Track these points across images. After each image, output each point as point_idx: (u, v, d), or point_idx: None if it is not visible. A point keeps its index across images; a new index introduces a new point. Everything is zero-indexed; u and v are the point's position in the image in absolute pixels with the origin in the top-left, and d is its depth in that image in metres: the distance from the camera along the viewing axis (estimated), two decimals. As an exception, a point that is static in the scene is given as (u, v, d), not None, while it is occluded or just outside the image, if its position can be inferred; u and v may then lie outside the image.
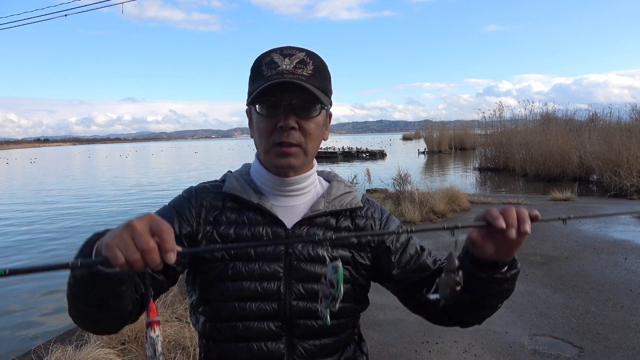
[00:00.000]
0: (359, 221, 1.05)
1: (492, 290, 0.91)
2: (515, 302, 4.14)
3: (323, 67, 1.00)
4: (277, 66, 0.94)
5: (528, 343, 3.32)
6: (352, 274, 1.02)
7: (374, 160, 33.02)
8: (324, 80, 0.99)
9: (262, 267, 0.96)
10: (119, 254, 0.65)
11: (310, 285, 0.98)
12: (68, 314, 0.87)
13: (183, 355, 3.08)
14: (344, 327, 1.03)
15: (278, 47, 0.98)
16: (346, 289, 1.01)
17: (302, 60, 0.96)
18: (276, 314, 0.96)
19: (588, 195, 12.61)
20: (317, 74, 0.97)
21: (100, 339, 3.20)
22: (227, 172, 1.10)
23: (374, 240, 1.05)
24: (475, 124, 29.30)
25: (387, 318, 3.90)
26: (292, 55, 0.96)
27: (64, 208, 14.09)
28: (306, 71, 0.95)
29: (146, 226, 0.67)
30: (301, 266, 0.98)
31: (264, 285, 0.96)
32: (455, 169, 23.95)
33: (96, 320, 0.86)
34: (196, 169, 32.80)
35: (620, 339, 3.35)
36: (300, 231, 1.00)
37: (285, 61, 0.95)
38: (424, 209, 8.26)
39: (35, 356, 3.20)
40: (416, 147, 42.32)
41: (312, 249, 0.99)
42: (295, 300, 0.97)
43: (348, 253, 1.02)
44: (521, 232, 0.81)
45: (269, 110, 0.95)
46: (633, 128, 14.58)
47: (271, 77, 0.93)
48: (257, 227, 0.99)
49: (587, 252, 5.73)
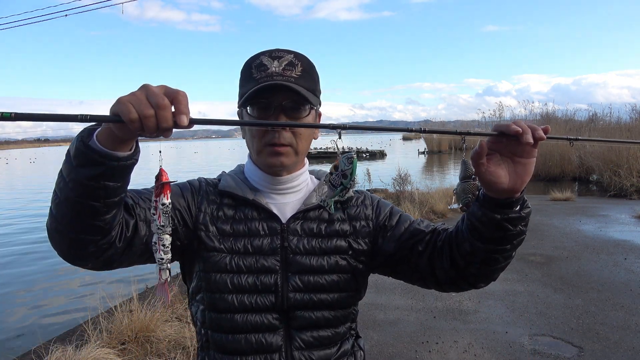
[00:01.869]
0: (350, 210, 1.08)
1: (507, 232, 0.87)
2: (515, 302, 4.15)
3: (311, 68, 1.02)
4: (266, 69, 0.97)
5: (528, 343, 3.32)
6: (351, 263, 1.04)
7: (374, 160, 33.01)
8: (313, 81, 1.02)
9: (259, 260, 0.98)
10: (132, 108, 0.64)
11: (307, 278, 1.00)
12: (46, 226, 0.82)
13: (183, 355, 3.08)
14: (343, 319, 1.05)
15: (267, 50, 1.01)
16: (346, 279, 1.03)
17: (290, 62, 0.98)
18: (274, 307, 0.98)
19: (588, 195, 12.60)
20: (306, 75, 0.99)
21: (101, 338, 3.20)
22: (222, 172, 1.13)
23: (368, 223, 1.07)
24: (475, 124, 29.28)
25: (386, 318, 3.90)
26: (280, 57, 0.98)
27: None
28: (295, 73, 0.97)
29: (161, 89, 0.66)
30: (297, 259, 1.00)
31: (261, 279, 0.98)
32: (455, 169, 23.96)
33: (74, 227, 0.78)
34: (198, 169, 32.79)
35: (620, 339, 3.35)
36: (295, 225, 1.02)
37: (274, 63, 0.97)
38: (424, 209, 8.28)
39: (35, 356, 3.20)
40: (416, 147, 42.33)
41: (307, 242, 1.02)
42: (292, 293, 0.99)
43: (344, 243, 1.04)
44: (536, 137, 0.79)
45: (260, 112, 0.98)
46: (633, 128, 14.58)
47: (261, 79, 0.96)
48: (253, 222, 1.01)
49: (587, 252, 5.73)
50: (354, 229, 1.06)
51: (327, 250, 1.02)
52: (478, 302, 4.17)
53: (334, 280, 1.01)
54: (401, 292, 4.53)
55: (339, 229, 1.05)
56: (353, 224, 1.06)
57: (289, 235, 1.01)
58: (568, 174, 15.81)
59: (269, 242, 1.00)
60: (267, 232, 1.01)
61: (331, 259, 1.02)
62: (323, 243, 1.03)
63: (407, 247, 1.04)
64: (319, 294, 1.00)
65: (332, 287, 1.01)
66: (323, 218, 1.05)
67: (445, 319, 3.84)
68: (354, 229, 1.06)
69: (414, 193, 9.06)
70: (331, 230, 1.04)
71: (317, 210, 1.05)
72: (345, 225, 1.06)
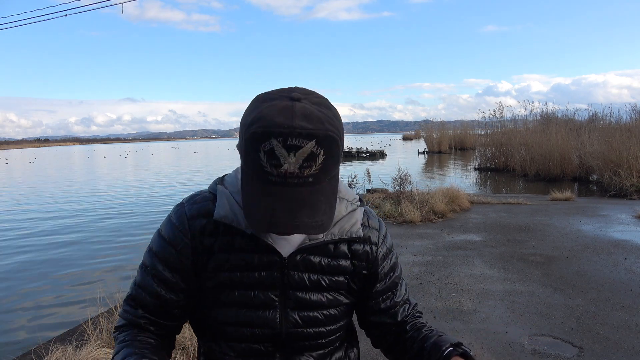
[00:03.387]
0: (355, 247, 1.01)
1: None
2: (515, 302, 4.15)
3: (334, 143, 0.79)
4: (279, 164, 0.76)
5: (528, 343, 3.32)
6: (347, 297, 1.04)
7: (374, 160, 33.01)
8: (336, 164, 0.83)
9: (257, 295, 0.95)
10: None
11: (307, 314, 0.97)
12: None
13: (183, 355, 3.08)
14: (337, 339, 1.06)
15: (278, 123, 0.76)
16: (342, 310, 1.03)
17: (310, 155, 0.77)
18: (271, 339, 0.98)
19: (588, 195, 12.60)
20: (329, 161, 0.79)
21: (101, 338, 3.20)
22: (218, 181, 1.00)
23: (367, 269, 1.03)
24: (475, 124, 29.29)
25: (387, 318, 3.90)
26: (298, 147, 0.76)
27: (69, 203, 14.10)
28: (315, 167, 0.78)
29: None
30: (297, 295, 0.96)
31: (259, 314, 0.95)
32: (455, 169, 23.95)
33: None
34: (198, 169, 32.77)
35: (620, 339, 3.35)
36: (297, 259, 0.96)
37: (290, 159, 0.76)
38: (424, 209, 8.27)
39: (35, 356, 3.20)
40: (416, 147, 42.32)
41: (308, 278, 0.97)
42: (292, 329, 0.97)
43: (344, 279, 1.01)
44: None
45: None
46: (633, 128, 14.56)
47: (272, 177, 0.78)
48: (251, 255, 0.94)
49: (587, 252, 5.73)
50: (354, 269, 1.02)
51: (327, 287, 0.99)
52: (478, 302, 4.17)
53: (331, 314, 1.00)
54: (401, 292, 4.52)
55: (342, 265, 1.00)
56: (354, 262, 1.02)
57: (289, 271, 0.96)
58: (568, 174, 15.80)
59: (268, 276, 0.95)
60: (266, 265, 0.95)
61: (331, 295, 0.99)
62: (324, 280, 0.98)
63: (374, 314, 1.08)
64: (317, 328, 0.99)
65: (329, 321, 1.00)
66: (328, 252, 0.99)
67: (445, 319, 3.84)
68: (354, 269, 1.02)
69: (414, 193, 9.06)
70: (333, 266, 0.99)
71: (322, 245, 0.98)
72: (347, 263, 1.01)
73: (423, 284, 4.75)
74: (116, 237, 9.52)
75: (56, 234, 10.17)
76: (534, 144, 17.09)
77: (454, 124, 38.97)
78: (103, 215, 12.54)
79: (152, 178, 25.58)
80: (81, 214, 12.89)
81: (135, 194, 17.45)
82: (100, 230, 10.42)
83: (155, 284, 0.96)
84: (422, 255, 5.90)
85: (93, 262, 7.71)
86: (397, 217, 8.25)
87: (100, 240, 9.37)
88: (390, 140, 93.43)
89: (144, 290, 0.97)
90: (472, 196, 10.53)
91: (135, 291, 0.99)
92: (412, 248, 6.27)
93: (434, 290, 4.53)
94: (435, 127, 36.84)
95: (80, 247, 8.85)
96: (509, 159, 19.27)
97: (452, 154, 33.64)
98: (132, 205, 14.25)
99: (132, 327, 0.98)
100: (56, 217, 12.42)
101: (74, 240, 9.40)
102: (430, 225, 7.80)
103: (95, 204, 14.92)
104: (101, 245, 8.87)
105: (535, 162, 16.69)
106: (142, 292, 0.97)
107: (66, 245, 8.97)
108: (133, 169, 35.26)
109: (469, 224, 7.78)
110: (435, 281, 4.82)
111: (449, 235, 6.98)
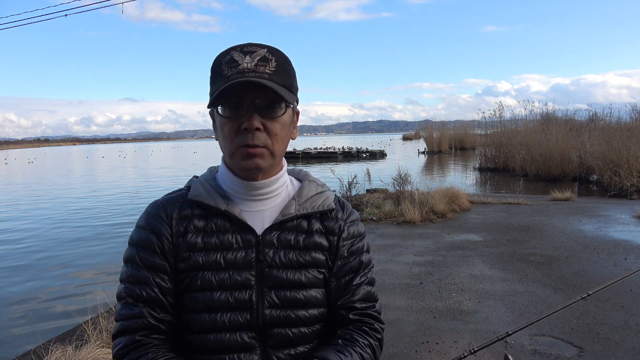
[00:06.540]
0: (328, 223, 1.02)
1: None
2: (515, 302, 4.15)
3: (286, 62, 0.95)
4: (237, 65, 0.90)
5: (528, 343, 3.32)
6: (327, 278, 1.00)
7: (374, 160, 33.01)
8: (288, 77, 0.95)
9: (232, 275, 0.92)
10: None
11: (284, 293, 0.94)
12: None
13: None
14: (319, 334, 1.00)
15: (238, 44, 0.94)
16: (323, 293, 0.99)
17: (263, 57, 0.91)
18: (249, 324, 0.92)
19: (588, 195, 12.60)
20: (281, 70, 0.92)
21: (100, 339, 3.20)
22: (193, 177, 1.05)
23: (337, 244, 1.02)
24: (475, 124, 29.30)
25: (386, 318, 3.90)
26: (253, 52, 0.91)
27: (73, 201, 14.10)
28: (268, 68, 0.91)
29: None
30: (273, 273, 0.94)
31: (235, 295, 0.92)
32: (455, 169, 23.94)
33: None
34: (196, 170, 32.79)
35: (620, 339, 3.35)
36: (271, 237, 0.96)
37: (246, 59, 0.90)
38: (424, 209, 8.27)
39: (35, 356, 3.20)
40: (416, 147, 42.33)
41: (284, 255, 0.96)
42: (268, 309, 0.93)
43: (322, 256, 0.99)
44: None
45: (232, 111, 0.91)
46: (633, 128, 14.56)
47: (232, 76, 0.89)
48: (225, 235, 0.95)
49: (587, 252, 5.73)
50: (329, 244, 1.01)
51: (305, 263, 0.97)
52: (478, 302, 4.17)
53: (312, 295, 0.96)
54: (401, 292, 4.53)
55: (317, 241, 0.99)
56: (329, 238, 1.01)
57: (264, 248, 0.95)
58: (568, 174, 15.81)
59: (243, 256, 0.94)
60: (241, 244, 0.94)
61: (309, 272, 0.97)
62: (301, 256, 0.97)
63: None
64: (296, 310, 0.95)
65: (309, 303, 0.96)
66: (302, 228, 0.99)
67: (445, 319, 3.84)
68: (330, 245, 1.01)
69: (414, 193, 9.06)
70: (310, 242, 0.98)
71: (295, 220, 0.99)
72: (323, 239, 1.00)
73: (423, 284, 4.75)
74: (116, 237, 9.52)
75: (56, 234, 10.17)
76: (534, 144, 17.09)
77: (453, 124, 38.99)
78: (103, 215, 12.54)
79: (152, 178, 25.59)
80: (81, 213, 12.90)
81: (136, 194, 17.46)
82: (100, 230, 10.42)
83: (146, 271, 0.93)
84: (422, 255, 5.90)
85: (93, 262, 7.72)
86: (397, 217, 8.25)
87: (100, 240, 9.38)
88: (390, 140, 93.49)
89: (136, 282, 0.93)
90: (472, 196, 10.54)
91: (127, 288, 0.94)
92: (412, 248, 6.27)
93: (434, 290, 4.53)
94: (435, 127, 36.86)
95: (80, 247, 8.86)
96: (509, 159, 19.27)
97: (452, 154, 33.65)
98: (132, 205, 14.25)
99: (136, 334, 0.92)
100: (56, 216, 12.43)
101: (74, 240, 9.40)
102: (430, 225, 7.81)
103: (95, 203, 14.93)
104: (101, 246, 8.88)
105: (535, 162, 16.69)
106: (134, 287, 0.93)
107: (66, 245, 8.97)
108: (132, 168, 35.27)
109: (469, 224, 7.78)
110: (435, 281, 4.82)
111: (449, 235, 6.98)
